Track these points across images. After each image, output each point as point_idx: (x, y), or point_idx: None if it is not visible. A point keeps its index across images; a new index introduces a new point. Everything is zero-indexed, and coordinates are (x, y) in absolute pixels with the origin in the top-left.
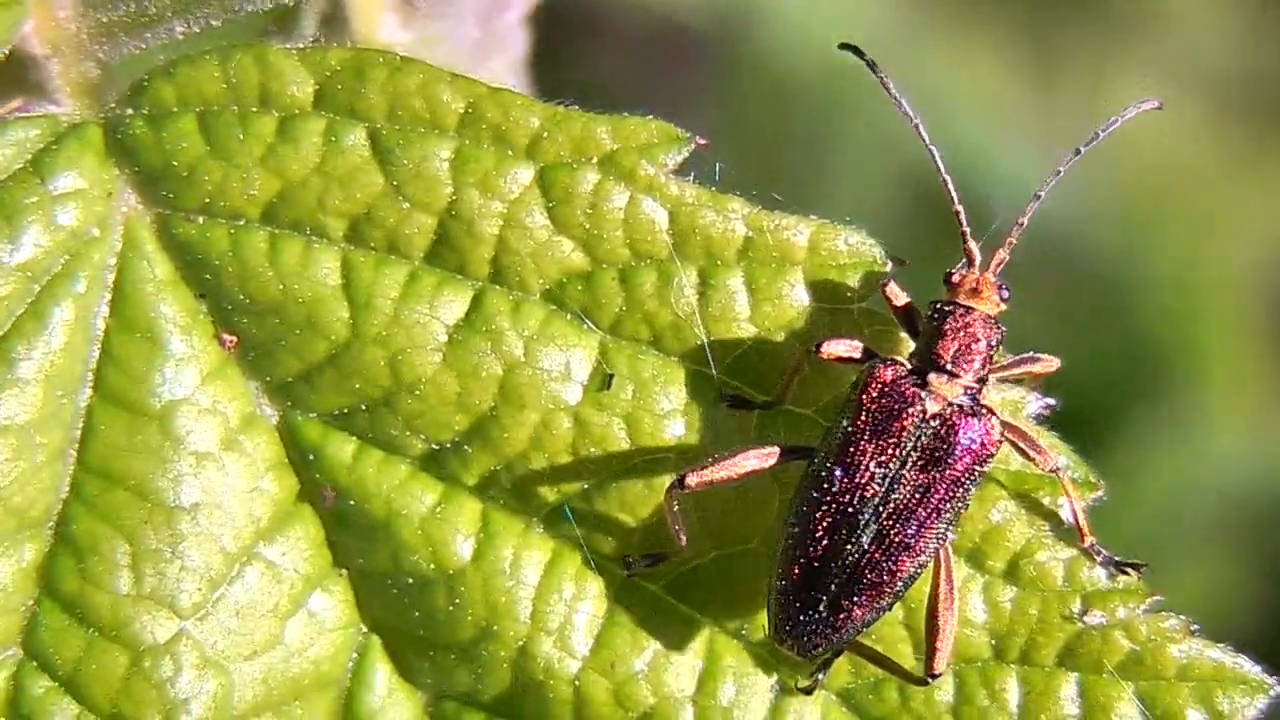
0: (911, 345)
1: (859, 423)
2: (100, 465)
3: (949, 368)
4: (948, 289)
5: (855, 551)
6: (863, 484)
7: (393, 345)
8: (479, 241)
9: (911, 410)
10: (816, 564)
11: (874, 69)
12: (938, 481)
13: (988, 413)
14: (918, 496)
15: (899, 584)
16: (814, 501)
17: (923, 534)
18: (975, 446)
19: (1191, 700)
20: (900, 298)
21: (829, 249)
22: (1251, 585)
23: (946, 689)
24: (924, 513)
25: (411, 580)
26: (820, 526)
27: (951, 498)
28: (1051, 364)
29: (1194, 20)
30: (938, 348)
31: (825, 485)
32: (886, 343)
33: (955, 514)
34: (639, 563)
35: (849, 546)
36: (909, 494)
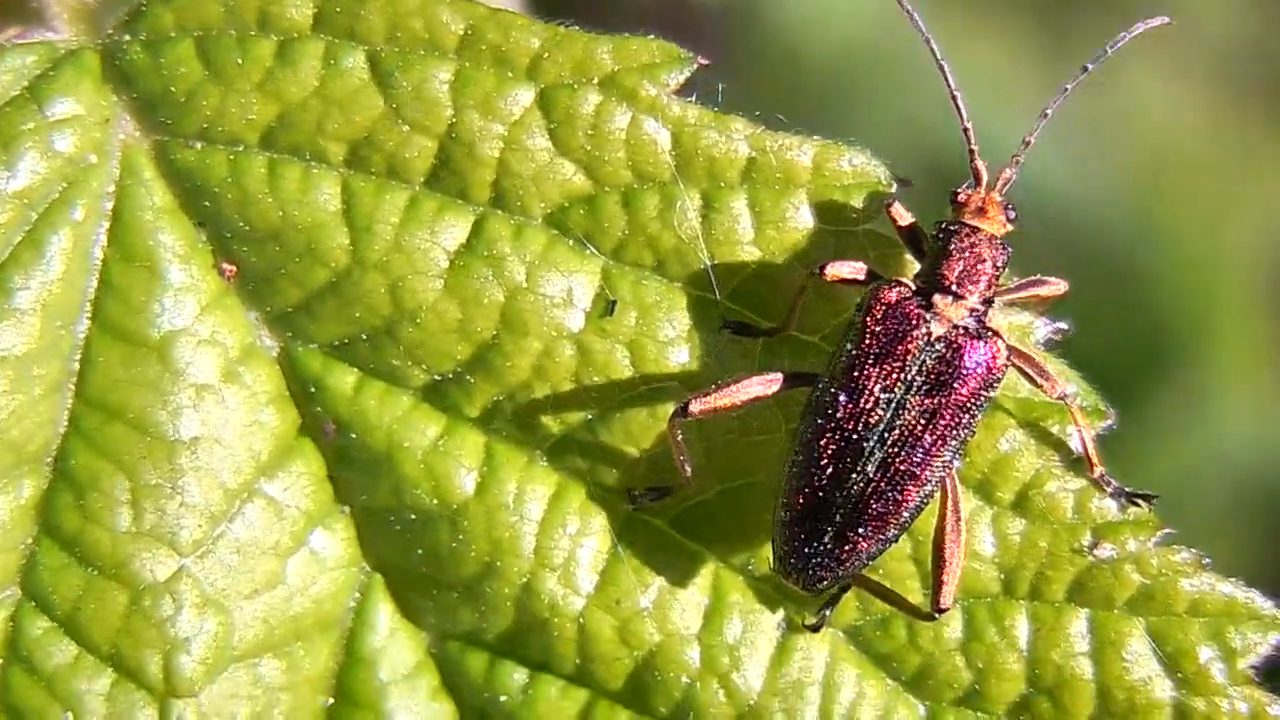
0: (917, 269)
1: (863, 346)
2: (99, 398)
3: (954, 289)
4: (953, 208)
5: (860, 480)
6: (867, 409)
7: (393, 272)
8: (480, 165)
9: (916, 333)
10: (821, 493)
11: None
12: (943, 406)
13: (993, 335)
14: (923, 422)
15: (905, 514)
16: (818, 428)
17: (928, 461)
18: (981, 370)
19: (1203, 636)
20: (905, 218)
21: (833, 169)
22: (1263, 567)
23: (955, 625)
24: (930, 439)
25: (414, 516)
26: (825, 454)
27: (957, 424)
28: (1059, 287)
29: (1205, 0)
30: (943, 268)
31: (829, 411)
32: (892, 266)
33: (961, 441)
34: (644, 496)
35: (854, 475)
36: (914, 419)
